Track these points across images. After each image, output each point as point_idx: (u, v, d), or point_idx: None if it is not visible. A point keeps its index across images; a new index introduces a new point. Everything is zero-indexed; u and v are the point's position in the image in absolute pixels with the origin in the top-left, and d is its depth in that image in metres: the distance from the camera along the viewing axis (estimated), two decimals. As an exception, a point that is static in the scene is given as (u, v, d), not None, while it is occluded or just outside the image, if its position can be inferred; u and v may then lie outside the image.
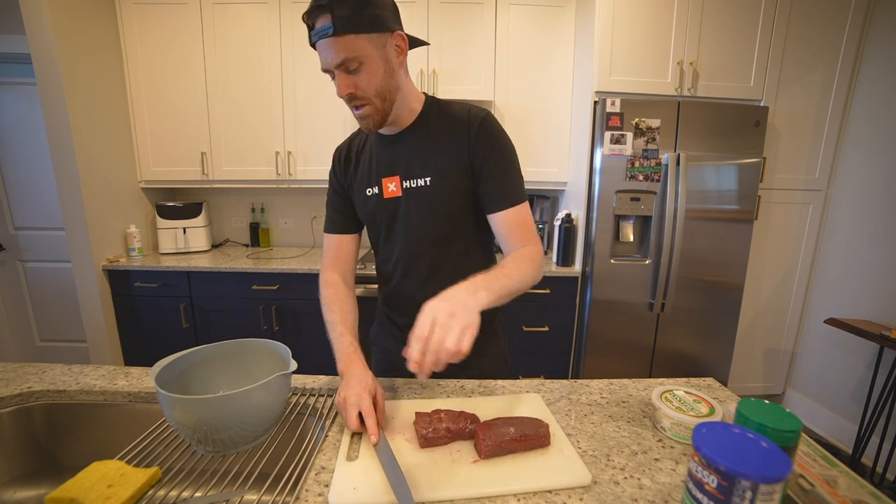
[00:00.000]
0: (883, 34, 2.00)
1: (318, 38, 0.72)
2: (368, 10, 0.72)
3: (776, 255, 2.25)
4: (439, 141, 0.86)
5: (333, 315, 0.88)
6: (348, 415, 0.68)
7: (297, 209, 2.71)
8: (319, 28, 0.71)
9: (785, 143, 2.13)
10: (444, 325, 0.58)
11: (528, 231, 0.86)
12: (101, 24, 2.13)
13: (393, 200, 0.88)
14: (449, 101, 0.89)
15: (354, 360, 0.77)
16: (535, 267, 0.80)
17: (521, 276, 0.75)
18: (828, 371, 2.19)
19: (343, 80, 0.75)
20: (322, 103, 2.28)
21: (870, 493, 0.51)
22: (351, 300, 0.93)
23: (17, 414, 0.81)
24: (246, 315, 2.17)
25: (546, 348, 2.22)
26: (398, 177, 0.87)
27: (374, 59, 0.75)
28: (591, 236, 2.05)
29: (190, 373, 0.72)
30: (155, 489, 0.59)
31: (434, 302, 0.62)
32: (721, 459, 0.46)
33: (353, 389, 0.70)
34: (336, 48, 0.71)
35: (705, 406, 0.73)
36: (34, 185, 2.43)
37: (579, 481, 0.60)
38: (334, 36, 0.70)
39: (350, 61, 0.73)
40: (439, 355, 0.57)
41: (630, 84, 2.00)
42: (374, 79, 0.76)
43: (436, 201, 0.86)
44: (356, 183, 0.93)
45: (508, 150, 0.86)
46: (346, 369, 0.76)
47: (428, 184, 0.85)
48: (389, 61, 0.77)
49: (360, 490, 0.57)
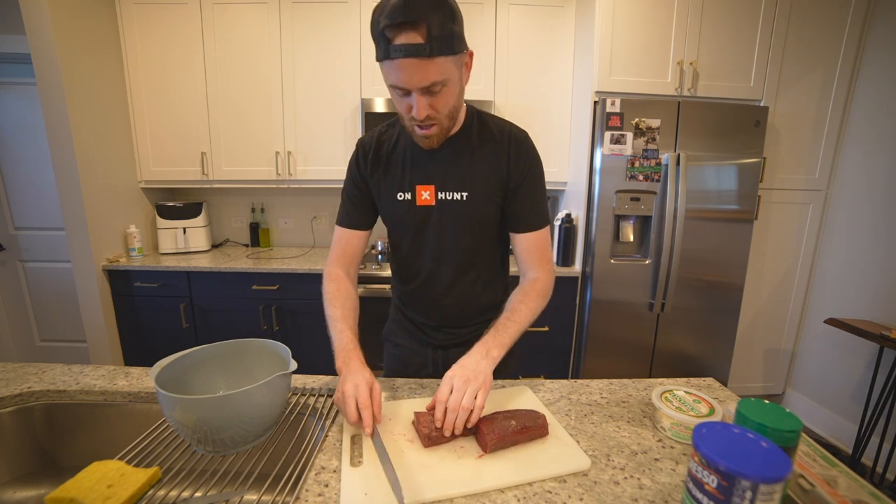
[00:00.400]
0: (883, 34, 2.00)
1: (402, 55, 0.65)
2: (456, 27, 0.68)
3: (776, 255, 2.25)
4: (479, 157, 0.86)
5: (335, 311, 0.88)
6: (347, 406, 0.68)
7: (297, 209, 2.71)
8: (408, 46, 0.64)
9: (785, 143, 2.13)
10: (460, 389, 0.68)
11: (544, 256, 0.91)
12: (101, 24, 2.13)
13: (425, 208, 0.89)
14: (489, 116, 0.90)
15: (353, 357, 0.77)
16: (544, 300, 0.88)
17: (529, 316, 0.83)
18: (828, 371, 2.19)
19: (423, 101, 0.71)
20: (322, 103, 2.28)
21: (870, 493, 0.51)
22: (353, 297, 0.93)
23: (17, 414, 0.81)
24: (246, 315, 2.17)
25: (546, 348, 2.22)
26: (433, 186, 0.87)
27: (455, 80, 0.73)
28: (591, 236, 2.05)
29: (190, 373, 0.72)
30: (155, 489, 0.59)
31: (452, 370, 0.71)
32: (721, 459, 0.46)
33: (350, 382, 0.71)
34: (427, 70, 0.67)
35: (705, 406, 0.73)
36: (34, 185, 2.43)
37: (580, 467, 0.64)
38: (428, 57, 0.65)
39: (437, 84, 0.69)
40: (458, 413, 0.66)
41: (630, 84, 2.00)
42: (451, 100, 0.75)
43: (471, 216, 0.88)
44: (385, 185, 0.91)
45: (540, 175, 0.89)
46: (343, 366, 0.76)
47: (465, 199, 0.86)
48: (462, 80, 0.77)
49: (371, 496, 0.57)
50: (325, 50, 2.23)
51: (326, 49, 2.23)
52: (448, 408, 0.67)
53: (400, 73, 0.68)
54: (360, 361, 0.77)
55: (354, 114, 2.28)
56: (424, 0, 0.63)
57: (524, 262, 0.91)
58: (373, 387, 0.71)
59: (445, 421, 0.66)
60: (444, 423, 0.67)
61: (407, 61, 0.66)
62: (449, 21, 0.66)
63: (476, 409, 0.67)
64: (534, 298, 0.86)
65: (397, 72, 0.68)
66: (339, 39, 2.22)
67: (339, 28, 2.21)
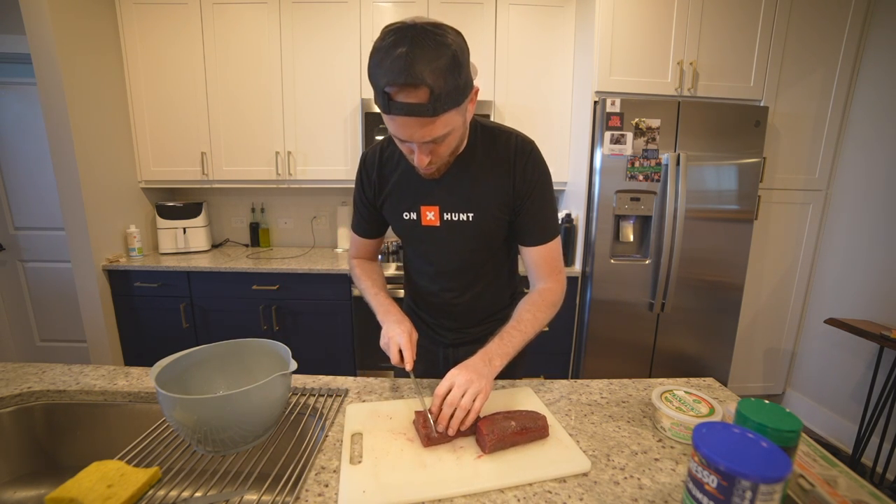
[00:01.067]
0: (883, 34, 2.00)
1: (404, 114, 0.62)
2: (462, 77, 0.64)
3: (776, 255, 2.25)
4: (484, 176, 0.84)
5: (366, 282, 0.97)
6: (392, 350, 0.80)
7: (297, 209, 2.70)
8: (410, 106, 0.61)
9: (785, 143, 2.13)
10: (461, 387, 0.68)
11: (555, 266, 0.90)
12: (101, 24, 2.13)
13: (431, 228, 0.88)
14: (493, 128, 0.85)
15: (391, 310, 0.87)
16: (553, 310, 0.88)
17: (536, 325, 0.83)
18: (828, 371, 2.19)
19: (425, 150, 0.69)
20: (322, 103, 2.28)
21: (870, 493, 0.51)
22: (378, 268, 1.04)
23: (17, 414, 0.81)
24: (246, 315, 2.17)
25: (546, 348, 2.22)
26: (437, 207, 0.86)
27: (459, 126, 0.71)
28: (591, 236, 2.05)
29: (190, 373, 0.72)
30: (155, 489, 0.59)
31: (455, 370, 0.71)
32: (721, 459, 0.46)
33: (394, 330, 0.82)
34: (430, 128, 0.65)
35: (705, 406, 0.73)
36: (34, 185, 2.43)
37: (579, 469, 0.63)
38: (431, 117, 0.63)
39: (440, 138, 0.68)
40: (455, 408, 0.66)
41: (630, 84, 2.00)
42: (453, 144, 0.74)
43: (478, 235, 0.88)
44: (390, 204, 0.91)
45: (548, 187, 0.86)
46: (385, 317, 0.86)
47: (471, 219, 0.85)
48: (466, 122, 0.75)
49: (369, 494, 0.57)
50: (325, 50, 2.23)
51: (326, 49, 2.23)
52: (446, 402, 0.67)
53: (401, 129, 0.66)
54: (399, 312, 0.88)
55: (354, 114, 2.28)
56: (427, 61, 0.59)
57: (534, 273, 0.91)
58: (411, 333, 0.82)
59: (441, 415, 0.67)
60: (439, 417, 0.67)
61: (409, 119, 0.64)
62: (453, 76, 0.62)
63: (472, 412, 0.67)
64: (542, 309, 0.85)
65: (399, 127, 0.66)
66: (339, 39, 2.22)
67: (339, 28, 2.21)
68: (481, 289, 0.96)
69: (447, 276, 0.94)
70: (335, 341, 2.18)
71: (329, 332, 2.17)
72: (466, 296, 0.96)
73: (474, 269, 0.93)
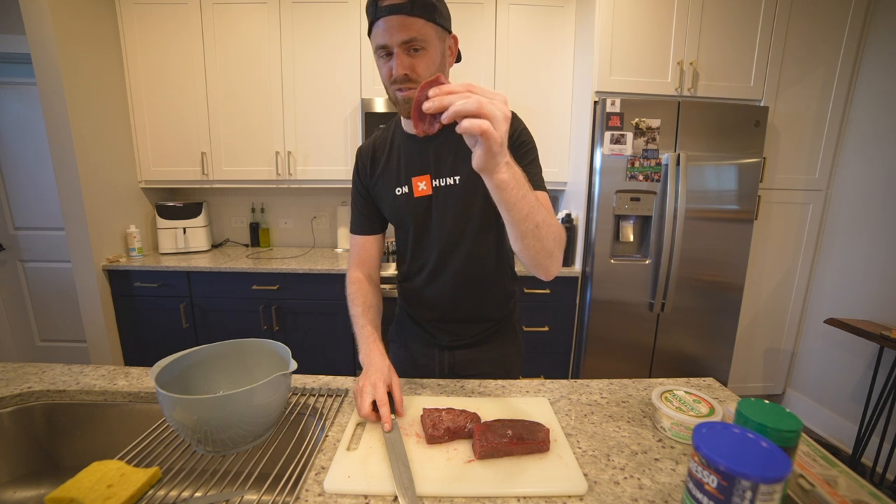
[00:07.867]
0: (883, 34, 2.00)
1: (387, 13, 0.73)
2: (439, 3, 0.76)
3: (776, 255, 2.25)
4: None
5: (356, 309, 0.92)
6: (362, 402, 0.72)
7: (297, 209, 2.70)
8: (391, 6, 0.72)
9: (785, 143, 2.13)
10: (483, 92, 0.55)
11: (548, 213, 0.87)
12: (101, 24, 2.13)
13: (424, 199, 0.90)
14: None
15: (373, 350, 0.82)
16: (556, 225, 0.73)
17: (538, 208, 0.67)
18: (828, 371, 2.19)
19: (403, 59, 0.75)
20: (322, 103, 2.28)
21: (870, 493, 0.51)
22: (373, 294, 0.97)
23: (17, 414, 0.81)
24: (246, 315, 2.17)
25: (546, 348, 2.22)
26: (428, 175, 0.88)
27: (436, 48, 0.77)
28: (591, 236, 2.04)
29: (190, 373, 0.72)
30: (155, 489, 0.59)
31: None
32: (721, 459, 0.46)
33: (369, 378, 0.75)
34: (406, 26, 0.73)
35: (705, 406, 0.73)
36: (34, 185, 2.43)
37: (573, 490, 0.59)
38: (408, 15, 0.72)
39: (416, 42, 0.74)
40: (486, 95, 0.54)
41: (630, 84, 2.00)
42: (431, 66, 0.77)
43: (467, 199, 0.88)
44: (383, 182, 0.93)
45: (531, 145, 0.89)
46: (365, 358, 0.82)
47: (457, 182, 0.87)
48: (444, 57, 0.80)
49: (353, 479, 0.59)
50: (325, 50, 2.23)
51: (326, 49, 2.23)
52: (476, 91, 0.54)
53: (384, 34, 0.74)
54: (380, 354, 0.82)
55: (354, 114, 2.28)
56: None
57: None
58: (391, 381, 0.76)
59: (443, 92, 0.54)
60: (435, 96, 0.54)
61: (390, 18, 0.73)
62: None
63: (503, 117, 0.54)
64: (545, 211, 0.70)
65: (381, 31, 0.74)
66: (339, 39, 2.22)
67: (339, 28, 2.21)
68: (478, 272, 0.94)
69: (443, 253, 0.92)
70: (335, 341, 2.18)
71: (329, 332, 2.17)
72: (462, 278, 0.93)
73: (469, 243, 0.91)
